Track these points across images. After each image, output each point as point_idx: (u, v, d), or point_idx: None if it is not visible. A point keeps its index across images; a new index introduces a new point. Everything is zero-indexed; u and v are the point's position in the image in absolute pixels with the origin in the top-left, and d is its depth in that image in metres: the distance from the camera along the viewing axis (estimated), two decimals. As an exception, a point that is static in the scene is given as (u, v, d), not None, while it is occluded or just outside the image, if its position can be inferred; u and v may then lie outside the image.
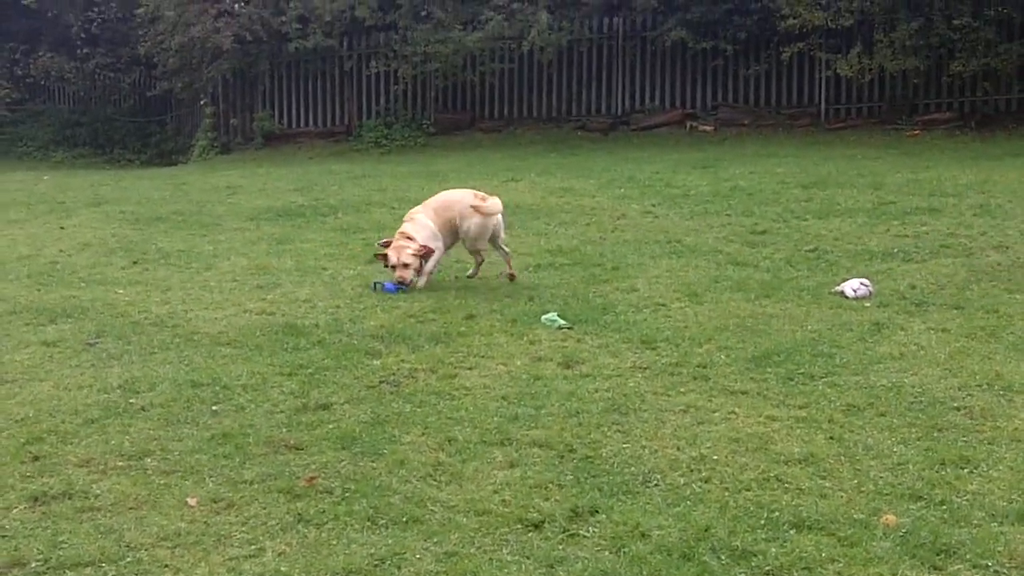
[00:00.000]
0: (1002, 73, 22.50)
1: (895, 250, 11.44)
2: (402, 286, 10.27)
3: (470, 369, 7.81)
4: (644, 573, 4.90)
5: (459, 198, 10.88)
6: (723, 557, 5.01)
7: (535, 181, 17.40)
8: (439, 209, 10.79)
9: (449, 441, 6.41)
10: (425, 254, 10.37)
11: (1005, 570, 4.89)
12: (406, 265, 10.28)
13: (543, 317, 9.05)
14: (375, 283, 10.44)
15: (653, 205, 14.83)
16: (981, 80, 22.93)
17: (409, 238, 10.37)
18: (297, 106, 27.95)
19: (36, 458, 6.25)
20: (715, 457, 6.10)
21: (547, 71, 26.10)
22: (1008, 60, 22.08)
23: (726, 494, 5.62)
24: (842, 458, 6.07)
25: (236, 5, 27.15)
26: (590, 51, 26.12)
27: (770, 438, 6.38)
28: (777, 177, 16.70)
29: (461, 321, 9.09)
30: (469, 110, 26.89)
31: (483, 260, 10.88)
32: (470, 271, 10.96)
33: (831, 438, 6.37)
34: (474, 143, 25.26)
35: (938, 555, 5.00)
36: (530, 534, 5.25)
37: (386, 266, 10.40)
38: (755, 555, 5.02)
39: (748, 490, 5.66)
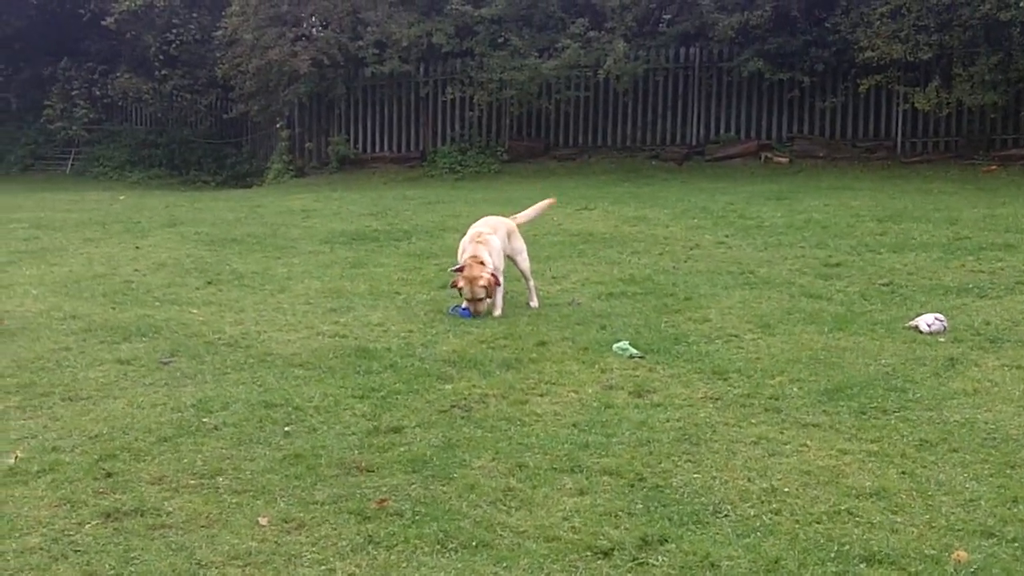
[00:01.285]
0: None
1: (970, 286, 11.33)
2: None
3: (541, 396, 7.82)
4: (713, 604, 4.89)
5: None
6: (793, 590, 4.99)
7: (608, 210, 17.42)
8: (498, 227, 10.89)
9: (519, 467, 6.41)
10: (496, 282, 10.38)
11: (1080, 611, 4.83)
12: (480, 300, 10.31)
13: (615, 346, 9.04)
14: (455, 307, 10.49)
15: (726, 236, 14.79)
16: (1061, 116, 22.74)
17: (481, 263, 10.37)
18: (372, 131, 28.14)
19: (109, 475, 6.32)
20: (786, 489, 6.07)
21: (622, 100, 26.15)
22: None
23: (796, 526, 5.58)
24: (914, 493, 6.01)
25: (314, 29, 27.41)
26: (666, 81, 26.15)
27: (842, 471, 6.34)
28: (852, 210, 16.60)
29: (532, 348, 9.09)
30: (543, 138, 26.96)
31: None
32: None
33: (903, 473, 6.31)
34: (548, 171, 25.32)
35: (1011, 594, 4.95)
36: (599, 562, 5.23)
37: (459, 292, 10.43)
38: (825, 589, 5.00)
39: (819, 523, 5.62)
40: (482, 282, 10.20)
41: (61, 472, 6.35)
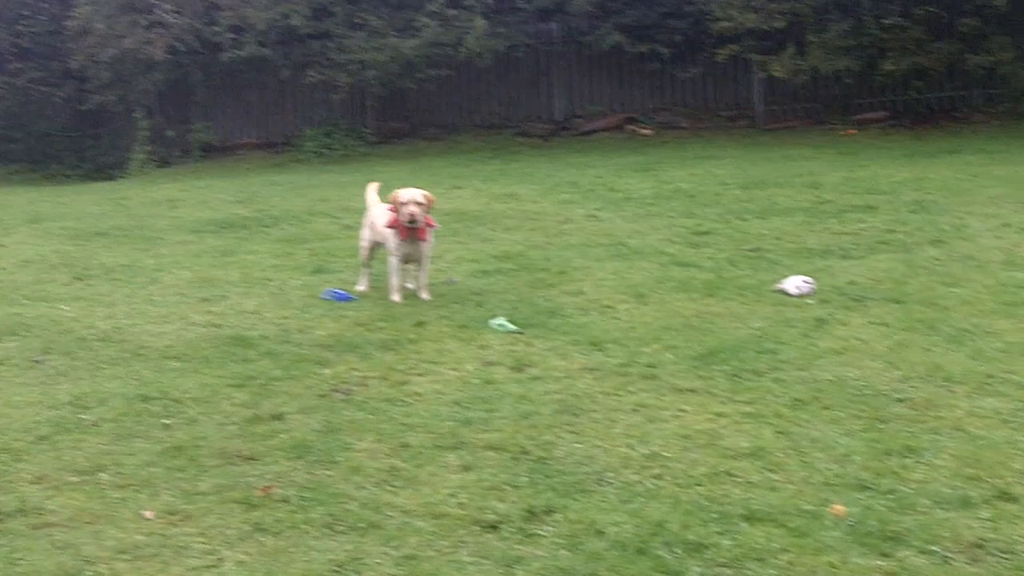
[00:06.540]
0: (933, 72, 22.83)
1: (833, 247, 11.59)
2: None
3: (421, 375, 7.84)
4: (600, 569, 4.96)
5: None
6: (677, 550, 5.08)
7: (479, 188, 17.49)
8: None
9: (403, 447, 6.44)
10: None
11: (951, 554, 4.99)
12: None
13: (491, 322, 9.10)
14: (329, 290, 10.47)
15: (596, 209, 14.94)
16: (912, 79, 23.22)
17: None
18: (235, 117, 27.87)
19: (-11, 476, 6.25)
20: (666, 454, 6.18)
21: (485, 77, 26.17)
22: (938, 59, 22.39)
23: (678, 489, 5.70)
24: (790, 451, 6.16)
25: (167, 15, 27.00)
26: (527, 56, 26.20)
27: (718, 434, 6.47)
28: (718, 179, 16.88)
29: (410, 328, 9.11)
30: (409, 118, 26.92)
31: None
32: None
33: (778, 432, 6.46)
34: (416, 151, 25.33)
35: (885, 542, 5.10)
36: (487, 535, 5.29)
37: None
38: (708, 548, 5.09)
39: (699, 485, 5.74)
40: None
41: (-61, 477, 6.26)
